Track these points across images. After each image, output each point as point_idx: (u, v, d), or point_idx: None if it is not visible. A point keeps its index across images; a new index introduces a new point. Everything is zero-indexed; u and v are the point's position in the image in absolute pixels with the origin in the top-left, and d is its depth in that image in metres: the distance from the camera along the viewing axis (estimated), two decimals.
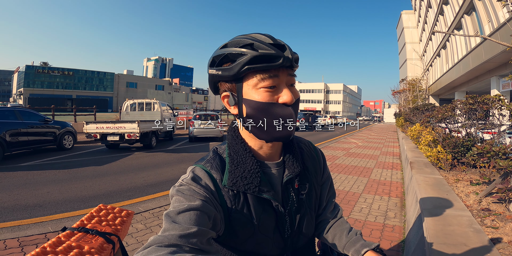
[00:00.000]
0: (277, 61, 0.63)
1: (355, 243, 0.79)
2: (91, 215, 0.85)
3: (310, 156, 0.87)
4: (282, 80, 0.66)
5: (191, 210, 0.60)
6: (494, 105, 3.27)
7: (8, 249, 2.43)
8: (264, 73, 0.64)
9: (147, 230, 2.91)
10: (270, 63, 0.63)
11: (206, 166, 0.72)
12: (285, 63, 0.63)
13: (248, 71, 0.64)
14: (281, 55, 0.63)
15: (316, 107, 79.95)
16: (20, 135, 7.00)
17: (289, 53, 0.64)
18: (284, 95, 0.66)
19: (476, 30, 13.63)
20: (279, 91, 0.66)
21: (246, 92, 0.67)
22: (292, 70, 0.68)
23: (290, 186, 0.78)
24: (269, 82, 0.65)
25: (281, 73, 0.66)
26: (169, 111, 12.10)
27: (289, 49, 0.65)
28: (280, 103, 0.66)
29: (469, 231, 1.75)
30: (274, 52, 0.62)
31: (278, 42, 0.65)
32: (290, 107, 0.67)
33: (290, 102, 0.66)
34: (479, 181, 2.97)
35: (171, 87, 57.45)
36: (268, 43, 0.64)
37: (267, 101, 0.65)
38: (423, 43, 30.17)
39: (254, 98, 0.66)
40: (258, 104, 0.65)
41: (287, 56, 0.64)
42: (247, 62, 0.62)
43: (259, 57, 0.62)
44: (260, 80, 0.65)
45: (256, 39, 0.64)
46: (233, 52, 0.64)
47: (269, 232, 0.74)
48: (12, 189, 4.32)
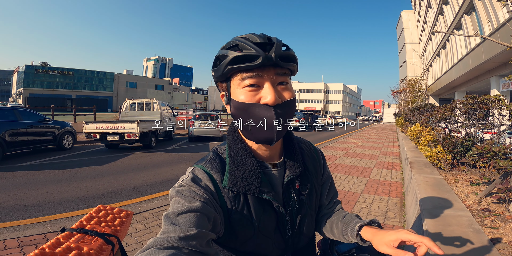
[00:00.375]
0: (256, 60, 0.63)
1: (350, 223, 0.80)
2: (90, 216, 0.85)
3: (311, 156, 0.87)
4: (266, 80, 0.65)
5: (191, 212, 0.60)
6: (494, 105, 3.27)
7: (7, 249, 2.42)
8: (247, 72, 0.65)
9: (146, 230, 2.91)
10: (250, 63, 0.63)
11: (206, 167, 0.72)
12: (266, 62, 0.63)
13: (230, 71, 0.66)
14: (261, 55, 0.62)
15: (316, 107, 80.00)
16: (19, 135, 7.00)
17: (274, 51, 0.63)
18: (267, 95, 0.64)
19: (476, 30, 13.64)
20: (263, 91, 0.66)
21: (233, 92, 0.68)
22: (282, 69, 0.67)
23: (291, 187, 0.78)
24: (251, 80, 0.65)
25: (266, 73, 0.65)
26: (168, 111, 12.09)
27: (276, 47, 0.64)
28: (262, 104, 0.65)
29: (469, 232, 1.75)
30: (254, 52, 0.63)
31: (265, 41, 0.65)
32: (272, 108, 0.64)
33: (272, 103, 0.64)
34: (479, 181, 2.96)
35: (171, 87, 57.44)
36: (253, 43, 0.64)
37: (247, 102, 0.65)
38: (423, 43, 30.19)
39: (237, 98, 0.67)
40: (239, 104, 0.67)
41: (269, 55, 0.63)
42: (229, 62, 0.64)
43: (240, 57, 0.63)
44: (242, 79, 0.65)
45: (243, 40, 0.65)
46: (220, 53, 0.67)
47: (270, 233, 0.74)
48: (12, 189, 4.32)
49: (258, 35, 0.66)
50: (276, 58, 0.64)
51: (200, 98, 72.50)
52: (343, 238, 0.82)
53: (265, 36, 0.67)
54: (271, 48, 0.64)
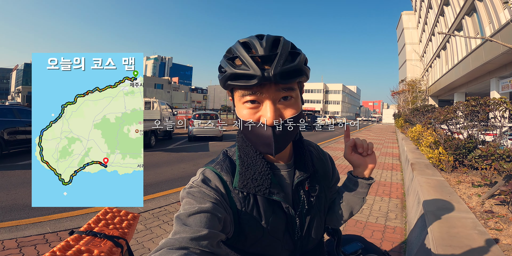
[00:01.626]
0: (252, 80, 0.60)
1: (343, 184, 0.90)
2: (98, 218, 0.83)
3: (319, 159, 0.88)
4: (266, 98, 0.63)
5: (202, 213, 0.60)
6: (498, 108, 3.27)
7: (6, 250, 2.40)
8: (245, 90, 0.63)
9: (147, 231, 2.89)
10: (247, 82, 0.60)
11: (216, 168, 0.72)
12: (262, 81, 0.59)
13: (230, 86, 0.65)
14: (257, 75, 0.59)
15: (315, 107, 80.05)
16: (18, 134, 6.95)
17: (273, 68, 0.59)
18: (265, 114, 0.63)
19: (476, 31, 13.67)
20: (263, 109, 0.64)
21: (236, 104, 0.68)
22: (286, 84, 0.63)
23: (300, 188, 0.77)
24: (250, 97, 0.64)
25: (266, 90, 0.62)
26: (168, 110, 12.07)
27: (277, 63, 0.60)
28: (260, 123, 0.64)
29: (474, 233, 1.74)
30: (250, 71, 0.59)
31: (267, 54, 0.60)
32: (271, 129, 0.63)
33: (270, 124, 0.63)
34: (480, 183, 2.97)
35: (170, 86, 57.27)
36: (251, 57, 0.60)
37: (247, 119, 0.65)
38: (423, 44, 30.25)
39: (239, 112, 0.67)
40: (242, 120, 0.67)
41: (267, 75, 0.59)
42: (228, 78, 0.63)
43: (237, 75, 0.62)
44: (241, 96, 0.65)
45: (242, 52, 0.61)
46: (221, 64, 0.66)
47: (279, 235, 0.74)
48: (10, 188, 4.29)
49: (260, 42, 0.62)
50: (275, 77, 0.59)
51: (199, 97, 72.41)
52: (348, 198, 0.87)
53: (270, 40, 0.62)
54: (270, 62, 0.60)
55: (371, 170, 0.82)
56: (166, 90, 51.41)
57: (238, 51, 0.63)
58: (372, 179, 0.84)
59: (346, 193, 0.87)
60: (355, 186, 0.84)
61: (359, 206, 0.87)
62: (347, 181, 0.87)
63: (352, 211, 0.89)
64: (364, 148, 0.81)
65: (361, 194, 0.84)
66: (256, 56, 0.61)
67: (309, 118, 22.00)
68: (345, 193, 0.87)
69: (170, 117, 11.86)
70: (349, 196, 0.86)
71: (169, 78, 57.65)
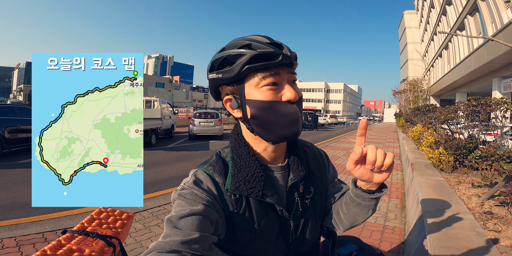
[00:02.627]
0: (277, 58, 0.63)
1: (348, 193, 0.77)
2: (92, 217, 0.83)
3: (315, 159, 0.86)
4: (284, 78, 0.67)
5: (193, 215, 0.60)
6: (499, 108, 3.25)
7: (5, 248, 2.41)
8: (265, 72, 0.64)
9: (146, 229, 2.90)
10: (270, 61, 0.63)
11: (208, 170, 0.71)
12: (285, 61, 0.64)
13: (248, 71, 0.64)
14: (280, 53, 0.63)
15: (316, 106, 79.89)
16: (19, 132, 6.96)
17: (287, 51, 0.65)
18: (287, 92, 0.66)
19: (479, 31, 13.60)
20: (281, 88, 0.67)
21: (249, 92, 0.66)
22: (292, 68, 0.69)
23: (294, 190, 0.77)
24: (271, 79, 0.65)
25: (282, 71, 0.66)
26: (169, 108, 12.08)
27: (286, 48, 0.66)
28: (284, 101, 0.66)
29: (472, 235, 1.74)
30: (273, 50, 0.63)
31: (275, 42, 0.66)
32: (295, 104, 0.66)
33: (294, 99, 0.66)
34: (481, 184, 2.95)
35: (172, 84, 57.25)
36: (266, 42, 0.64)
37: (270, 100, 0.65)
38: (425, 44, 30.13)
39: (257, 97, 0.65)
40: (263, 103, 0.65)
41: (286, 54, 0.64)
42: (247, 61, 0.63)
43: (259, 56, 0.63)
44: (262, 79, 0.65)
45: (254, 40, 0.65)
46: (232, 53, 0.64)
47: (272, 237, 0.73)
48: (10, 186, 4.30)
49: (262, 36, 0.67)
50: (291, 57, 0.66)
51: (200, 96, 72.35)
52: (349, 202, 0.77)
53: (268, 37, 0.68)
54: (283, 48, 0.66)
55: (378, 185, 0.68)
56: (167, 89, 51.41)
57: (251, 39, 0.65)
58: (381, 191, 0.70)
59: (347, 202, 0.77)
60: (357, 198, 0.72)
61: (363, 217, 0.77)
62: (350, 190, 0.76)
63: (354, 222, 0.80)
64: (376, 165, 0.63)
65: (365, 206, 0.73)
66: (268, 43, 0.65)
67: (311, 117, 21.98)
68: (345, 202, 0.78)
69: (171, 116, 11.86)
70: (351, 207, 0.76)
71: (170, 76, 57.63)
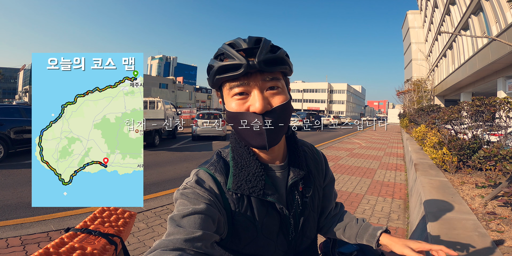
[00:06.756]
0: (239, 70, 0.63)
1: (367, 228, 0.84)
2: (94, 216, 0.85)
3: (313, 159, 0.88)
4: (254, 87, 0.65)
5: (196, 214, 0.61)
6: (503, 108, 3.22)
7: (10, 247, 2.44)
8: (233, 81, 0.66)
9: (149, 229, 2.91)
10: (234, 72, 0.63)
11: (210, 169, 0.73)
12: (249, 70, 0.63)
13: (219, 81, 0.67)
14: (242, 64, 0.62)
15: (320, 106, 79.59)
16: (24, 133, 7.03)
17: (257, 57, 0.62)
18: (255, 102, 0.65)
19: (483, 30, 13.48)
20: (251, 99, 0.66)
21: (225, 100, 0.70)
22: (271, 74, 0.66)
23: (294, 189, 0.78)
24: (239, 89, 0.66)
25: (252, 80, 0.65)
26: (172, 109, 12.14)
27: (260, 53, 0.63)
28: (250, 112, 0.65)
29: (474, 235, 1.72)
30: (236, 61, 0.63)
31: (251, 46, 0.64)
32: (261, 116, 0.65)
33: (260, 111, 0.64)
34: (484, 184, 2.93)
35: (175, 85, 57.44)
36: (237, 50, 0.64)
37: (237, 111, 0.66)
38: (428, 44, 29.91)
39: (229, 107, 0.68)
40: (230, 113, 0.68)
41: (252, 63, 0.62)
42: (215, 72, 0.66)
43: (224, 67, 0.64)
44: (229, 89, 0.67)
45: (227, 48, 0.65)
46: (209, 63, 0.69)
47: (273, 235, 0.74)
48: (16, 186, 4.35)
49: (244, 40, 0.66)
50: (260, 64, 0.63)
51: (203, 97, 72.45)
52: (355, 239, 0.85)
53: (253, 39, 0.66)
54: (253, 54, 0.64)
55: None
56: (170, 90, 51.63)
57: (224, 48, 0.66)
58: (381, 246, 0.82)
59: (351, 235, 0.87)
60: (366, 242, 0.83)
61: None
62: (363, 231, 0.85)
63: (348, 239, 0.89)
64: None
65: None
66: (241, 50, 0.64)
67: (314, 118, 21.91)
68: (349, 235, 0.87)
69: (174, 117, 11.91)
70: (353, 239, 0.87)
71: (174, 77, 57.91)
